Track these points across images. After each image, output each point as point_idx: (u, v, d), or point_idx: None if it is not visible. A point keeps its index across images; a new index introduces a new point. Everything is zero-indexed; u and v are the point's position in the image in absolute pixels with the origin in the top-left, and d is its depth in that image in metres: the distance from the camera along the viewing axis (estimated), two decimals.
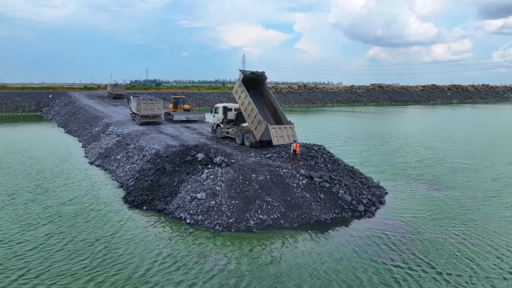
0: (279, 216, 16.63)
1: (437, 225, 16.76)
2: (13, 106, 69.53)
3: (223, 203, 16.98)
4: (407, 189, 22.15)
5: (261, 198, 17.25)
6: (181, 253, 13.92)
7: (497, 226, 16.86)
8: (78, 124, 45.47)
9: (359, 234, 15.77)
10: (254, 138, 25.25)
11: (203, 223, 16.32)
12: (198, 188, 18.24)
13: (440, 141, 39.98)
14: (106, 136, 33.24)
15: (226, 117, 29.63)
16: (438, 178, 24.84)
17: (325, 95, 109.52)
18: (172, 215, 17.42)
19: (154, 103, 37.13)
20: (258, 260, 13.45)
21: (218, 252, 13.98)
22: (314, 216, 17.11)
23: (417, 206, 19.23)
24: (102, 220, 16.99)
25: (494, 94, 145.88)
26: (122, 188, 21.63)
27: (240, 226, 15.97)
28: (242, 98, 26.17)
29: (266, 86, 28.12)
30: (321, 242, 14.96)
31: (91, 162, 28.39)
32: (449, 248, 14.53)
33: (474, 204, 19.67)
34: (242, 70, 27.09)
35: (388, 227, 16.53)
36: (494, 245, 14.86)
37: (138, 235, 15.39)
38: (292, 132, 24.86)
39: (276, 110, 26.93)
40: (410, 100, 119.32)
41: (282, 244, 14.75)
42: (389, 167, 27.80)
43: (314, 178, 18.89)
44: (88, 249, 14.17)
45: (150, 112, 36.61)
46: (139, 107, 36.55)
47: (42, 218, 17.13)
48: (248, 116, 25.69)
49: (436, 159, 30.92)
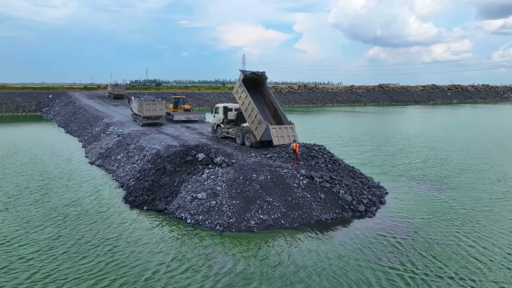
0: (280, 216, 16.64)
1: (437, 225, 16.76)
2: (13, 106, 69.53)
3: (224, 203, 16.99)
4: (408, 190, 22.14)
5: (262, 198, 17.26)
6: (187, 255, 13.78)
7: (499, 226, 16.84)
8: (79, 124, 45.47)
9: (361, 234, 15.77)
10: (254, 138, 25.24)
11: (204, 223, 16.32)
12: (199, 188, 18.25)
13: (442, 142, 39.88)
14: (106, 136, 33.25)
15: (227, 117, 29.60)
16: (440, 179, 24.78)
17: (325, 95, 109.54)
18: (172, 215, 17.42)
19: (157, 104, 36.39)
20: (267, 261, 13.38)
21: (225, 254, 13.90)
22: (315, 216, 17.12)
23: (418, 207, 19.22)
24: (104, 222, 16.92)
25: (494, 94, 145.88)
26: (122, 188, 21.64)
27: (241, 226, 15.97)
28: (242, 98, 26.14)
29: (266, 86, 28.09)
30: (325, 242, 14.96)
31: (92, 162, 28.39)
32: (450, 248, 14.53)
33: (476, 205, 19.66)
34: (242, 70, 27.07)
35: (389, 227, 16.54)
36: (498, 245, 14.86)
37: (141, 237, 15.28)
38: (293, 132, 24.86)
39: (277, 110, 26.90)
40: (410, 100, 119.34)
41: (286, 244, 14.72)
42: (391, 168, 27.76)
43: (315, 178, 18.90)
44: (93, 251, 14.00)
45: (153, 113, 35.99)
46: (141, 108, 35.93)
47: (44, 220, 17.05)
48: (248, 116, 25.68)
49: (438, 159, 30.84)
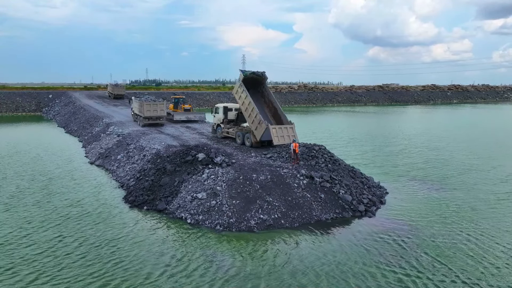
0: (280, 216, 16.63)
1: (438, 226, 16.75)
2: (13, 106, 69.52)
3: (224, 203, 16.98)
4: (408, 190, 22.14)
5: (262, 198, 17.25)
6: (187, 255, 13.73)
7: (501, 226, 16.83)
8: (79, 124, 45.47)
9: (361, 234, 15.76)
10: (254, 138, 25.24)
11: (204, 223, 16.31)
12: (199, 188, 18.24)
13: (443, 141, 39.82)
14: (106, 136, 33.24)
15: (227, 117, 29.61)
16: (441, 179, 24.74)
17: (325, 95, 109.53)
18: (173, 215, 17.40)
19: (158, 104, 36.01)
20: (267, 261, 13.35)
21: (225, 254, 13.88)
22: (315, 216, 17.11)
23: (418, 207, 19.20)
24: (104, 222, 16.88)
25: (494, 94, 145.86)
26: (122, 188, 21.62)
27: (241, 226, 15.96)
28: (242, 98, 26.14)
29: (266, 86, 28.09)
30: (325, 242, 14.96)
31: (92, 162, 28.39)
32: (450, 248, 14.52)
33: (477, 205, 19.65)
34: (242, 70, 27.00)
35: (389, 227, 16.52)
36: (502, 244, 14.87)
37: (141, 237, 15.21)
38: (293, 132, 24.85)
39: (277, 110, 26.89)
40: (410, 100, 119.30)
41: (286, 244, 14.72)
42: (392, 168, 27.73)
43: (315, 178, 18.89)
44: (93, 251, 13.95)
45: (153, 113, 35.62)
46: (142, 108, 35.57)
47: (45, 220, 16.99)
48: (248, 116, 25.67)
49: (439, 159, 30.79)
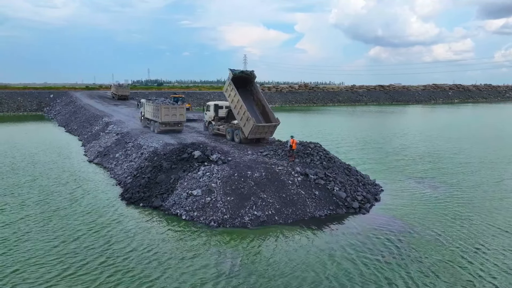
0: (274, 212, 16.78)
1: (430, 222, 16.85)
2: (15, 106, 69.95)
3: (219, 199, 17.14)
4: (404, 188, 22.22)
5: (256, 194, 17.41)
6: (182, 251, 13.82)
7: (493, 224, 16.92)
8: (79, 123, 45.76)
9: (354, 230, 15.89)
10: (243, 134, 26.01)
11: (199, 220, 16.47)
12: (194, 185, 18.41)
13: (445, 142, 39.72)
14: (105, 134, 33.48)
15: (217, 114, 30.42)
16: (438, 177, 24.80)
17: (326, 94, 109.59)
18: (168, 212, 17.58)
19: (177, 108, 31.19)
20: (260, 257, 13.47)
21: (219, 249, 13.99)
22: (309, 212, 17.25)
23: (413, 204, 19.30)
24: (101, 219, 16.99)
25: (496, 94, 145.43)
26: (120, 186, 21.82)
27: (235, 222, 16.12)
28: (232, 96, 26.88)
29: (255, 85, 28.87)
30: (318, 238, 15.09)
31: (90, 160, 28.61)
32: (442, 244, 14.64)
33: (471, 202, 19.75)
34: (232, 69, 27.59)
35: (383, 223, 16.63)
36: (493, 240, 14.99)
37: (137, 234, 15.32)
38: (274, 129, 26.45)
39: (265, 108, 27.45)
40: (411, 99, 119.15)
41: (279, 240, 14.85)
42: (389, 166, 27.85)
43: (309, 175, 19.03)
44: (89, 248, 14.03)
45: (172, 118, 30.64)
46: (159, 113, 30.36)
47: (43, 218, 17.09)
48: (237, 113, 26.37)
49: (440, 159, 30.81)
